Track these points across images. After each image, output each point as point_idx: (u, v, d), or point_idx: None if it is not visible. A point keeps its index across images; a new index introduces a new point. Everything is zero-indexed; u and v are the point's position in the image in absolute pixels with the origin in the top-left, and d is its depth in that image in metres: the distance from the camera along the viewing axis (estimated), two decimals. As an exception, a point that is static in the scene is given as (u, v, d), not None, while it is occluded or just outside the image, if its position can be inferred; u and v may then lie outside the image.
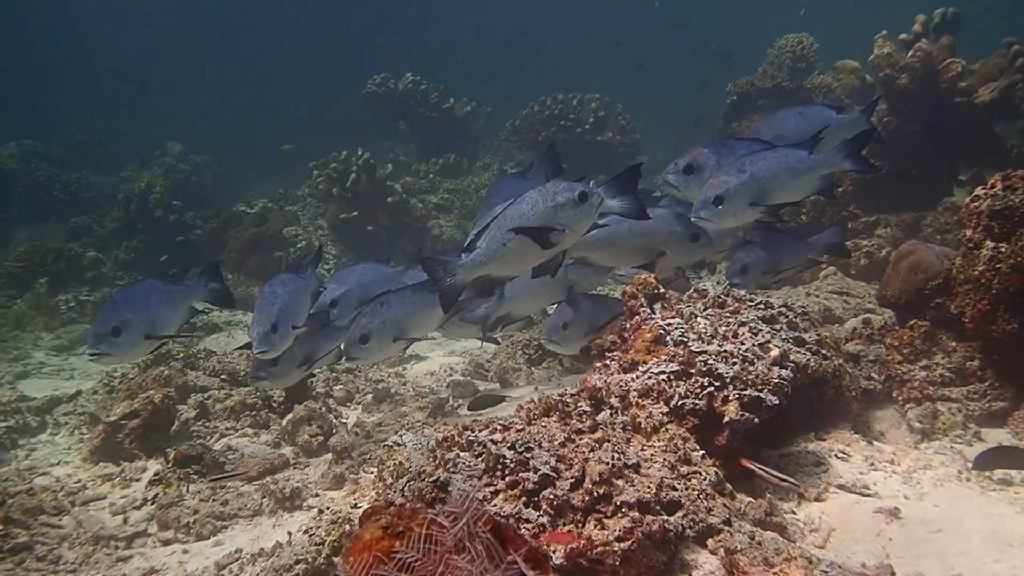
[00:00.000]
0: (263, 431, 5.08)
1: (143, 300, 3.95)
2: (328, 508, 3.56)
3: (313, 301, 4.35)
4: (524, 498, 2.71)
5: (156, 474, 4.29)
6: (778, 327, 3.84)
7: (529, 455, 2.85)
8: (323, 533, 3.34)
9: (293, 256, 10.08)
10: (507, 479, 2.79)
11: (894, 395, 4.02)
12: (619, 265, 4.52)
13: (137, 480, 4.44)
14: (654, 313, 3.93)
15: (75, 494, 4.30)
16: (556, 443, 3.00)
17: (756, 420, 3.28)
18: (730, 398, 3.31)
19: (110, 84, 29.54)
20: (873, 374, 4.14)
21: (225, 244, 10.44)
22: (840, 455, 3.56)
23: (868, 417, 3.96)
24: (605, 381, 3.47)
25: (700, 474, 3.06)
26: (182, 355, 6.10)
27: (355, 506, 3.61)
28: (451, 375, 6.09)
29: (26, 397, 6.06)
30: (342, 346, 4.47)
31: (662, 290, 4.13)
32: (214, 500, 3.96)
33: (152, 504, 4.05)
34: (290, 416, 4.80)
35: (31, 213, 13.23)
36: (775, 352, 3.55)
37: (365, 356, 4.17)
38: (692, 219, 3.97)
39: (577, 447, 2.99)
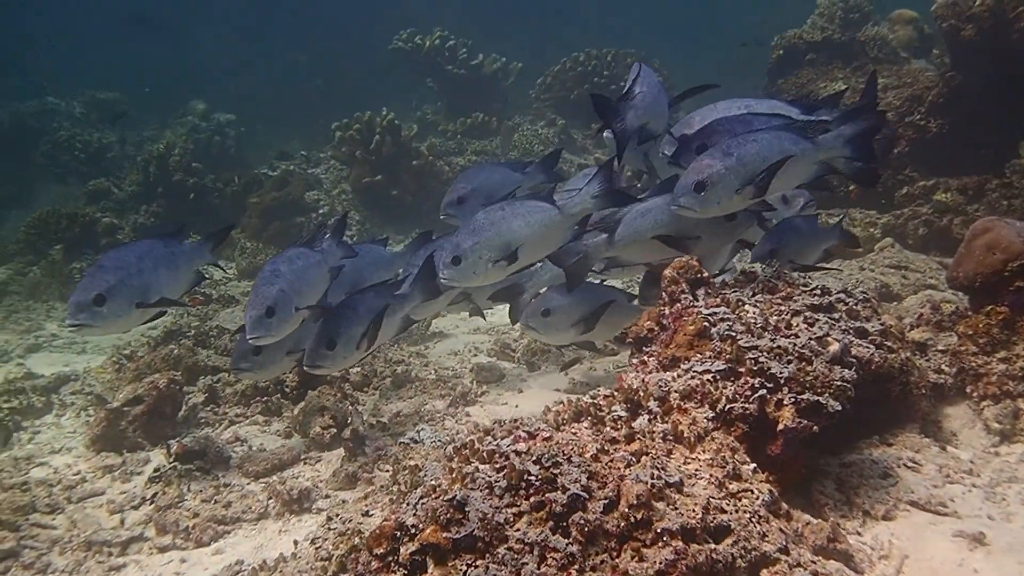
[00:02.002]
0: (274, 419, 4.76)
1: (135, 264, 3.51)
2: (338, 515, 3.26)
3: (333, 277, 3.97)
4: (551, 522, 2.37)
5: (156, 470, 4.00)
6: (836, 316, 3.41)
7: (557, 471, 2.50)
8: (330, 547, 3.05)
9: (314, 222, 9.72)
10: (532, 499, 2.44)
11: (968, 391, 3.59)
12: (654, 260, 4.06)
13: (139, 474, 4.16)
14: (697, 300, 3.52)
15: (72, 488, 4.02)
16: (587, 456, 2.65)
17: (815, 428, 2.89)
18: (785, 402, 2.92)
19: (134, 39, 28.83)
20: (943, 367, 3.71)
21: (245, 209, 10.12)
22: (910, 464, 3.14)
23: (938, 416, 3.53)
24: (643, 381, 3.09)
25: (752, 492, 2.67)
26: (193, 332, 5.81)
27: (366, 514, 3.30)
28: (475, 356, 5.74)
29: (33, 375, 5.82)
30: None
31: (705, 274, 3.72)
32: (216, 502, 3.66)
33: (151, 504, 3.76)
34: (302, 404, 4.47)
35: (53, 173, 13.02)
36: (835, 347, 3.14)
37: (330, 364, 3.76)
38: (672, 207, 3.55)
39: (612, 461, 2.63)
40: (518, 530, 2.36)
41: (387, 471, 3.73)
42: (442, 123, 13.05)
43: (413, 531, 2.39)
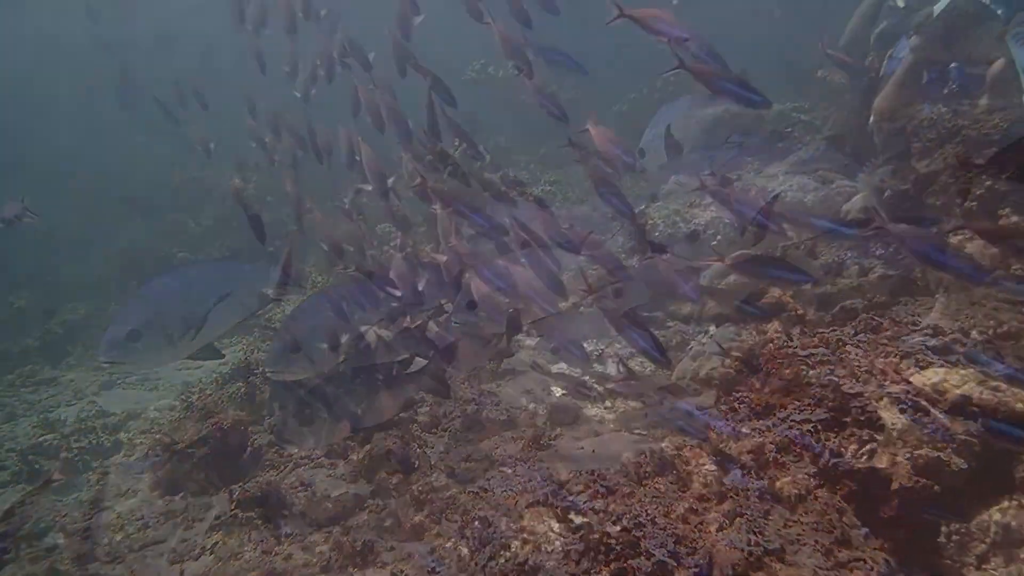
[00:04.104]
0: (340, 461, 4.56)
1: (181, 292, 3.27)
2: (403, 571, 3.04)
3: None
4: (635, 594, 2.09)
5: (218, 517, 3.85)
6: (953, 359, 3.05)
7: (640, 534, 2.23)
8: (393, 610, 2.83)
9: (384, 253, 9.63)
10: (612, 566, 2.18)
11: (1109, 440, 3.16)
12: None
13: (200, 520, 4.01)
14: (791, 340, 3.21)
15: (134, 535, 3.90)
16: (674, 517, 2.36)
17: (936, 488, 2.54)
18: (899, 458, 2.58)
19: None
20: (1078, 413, 3.28)
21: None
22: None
23: (1076, 469, 3.11)
24: (733, 430, 2.80)
25: (864, 562, 2.35)
26: (261, 368, 5.70)
27: (432, 572, 3.06)
28: (549, 394, 5.46)
29: (104, 412, 5.80)
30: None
31: (800, 311, 3.41)
32: (276, 554, 3.47)
33: (211, 554, 3.60)
34: (368, 447, 4.27)
35: (137, 210, 13.34)
36: (954, 395, 2.79)
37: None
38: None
39: (702, 523, 2.35)
40: (598, 603, 2.10)
41: (455, 522, 3.49)
42: (515, 154, 12.89)
43: (481, 601, 2.15)
